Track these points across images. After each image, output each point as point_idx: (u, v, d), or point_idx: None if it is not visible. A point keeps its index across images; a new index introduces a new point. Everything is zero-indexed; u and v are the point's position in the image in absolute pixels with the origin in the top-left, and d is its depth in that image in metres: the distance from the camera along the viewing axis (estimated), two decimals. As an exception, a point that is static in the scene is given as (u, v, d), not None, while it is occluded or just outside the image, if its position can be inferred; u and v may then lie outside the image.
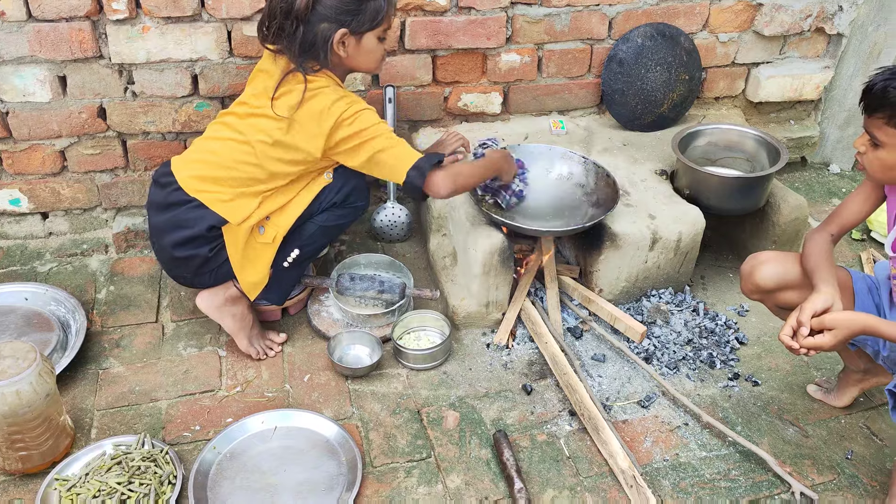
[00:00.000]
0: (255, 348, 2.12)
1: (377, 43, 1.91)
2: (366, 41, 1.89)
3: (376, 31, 1.88)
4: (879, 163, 1.59)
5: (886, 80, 1.51)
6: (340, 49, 1.86)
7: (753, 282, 1.85)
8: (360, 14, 1.83)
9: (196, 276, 2.00)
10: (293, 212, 1.96)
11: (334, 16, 1.81)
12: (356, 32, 1.86)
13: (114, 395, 2.01)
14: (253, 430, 1.90)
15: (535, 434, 1.94)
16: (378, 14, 1.85)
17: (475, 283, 2.18)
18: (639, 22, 2.56)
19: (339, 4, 1.81)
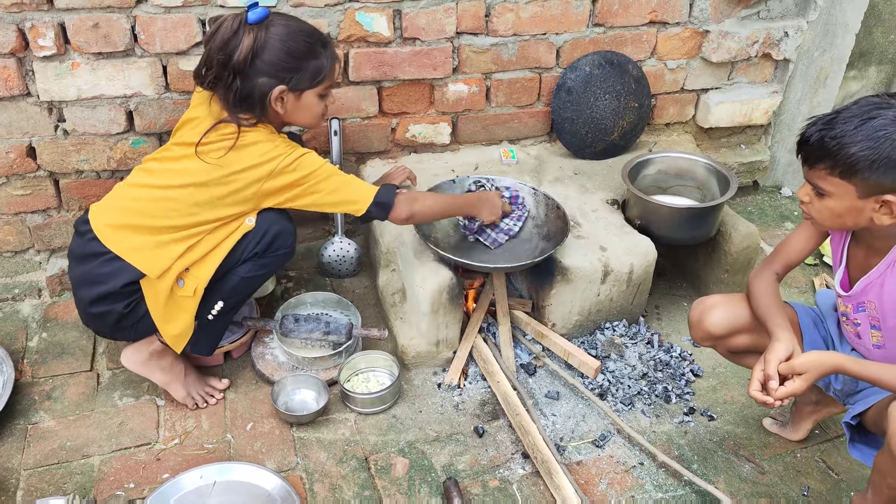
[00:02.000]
0: (193, 397, 2.03)
1: (318, 100, 1.86)
2: (305, 98, 1.83)
3: (317, 89, 1.83)
4: (829, 212, 1.54)
5: (821, 129, 1.47)
6: (278, 105, 1.80)
7: (704, 329, 1.81)
8: (301, 72, 1.78)
9: (115, 331, 1.91)
10: (212, 262, 1.85)
11: (274, 72, 1.75)
12: (295, 90, 1.80)
13: (43, 453, 1.90)
14: (190, 486, 1.80)
15: (486, 479, 1.88)
16: (320, 72, 1.80)
17: (424, 321, 2.11)
18: (586, 50, 2.54)
19: (280, 61, 1.75)
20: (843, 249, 1.68)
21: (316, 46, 1.79)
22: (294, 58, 1.76)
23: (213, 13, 2.14)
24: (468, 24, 2.38)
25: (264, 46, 1.73)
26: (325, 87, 1.85)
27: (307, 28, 1.81)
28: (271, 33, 1.73)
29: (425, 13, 2.31)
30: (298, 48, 1.76)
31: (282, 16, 1.80)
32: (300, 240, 2.65)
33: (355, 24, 2.27)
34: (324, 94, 1.86)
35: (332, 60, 1.83)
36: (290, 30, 1.76)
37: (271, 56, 1.74)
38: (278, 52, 1.74)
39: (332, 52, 1.84)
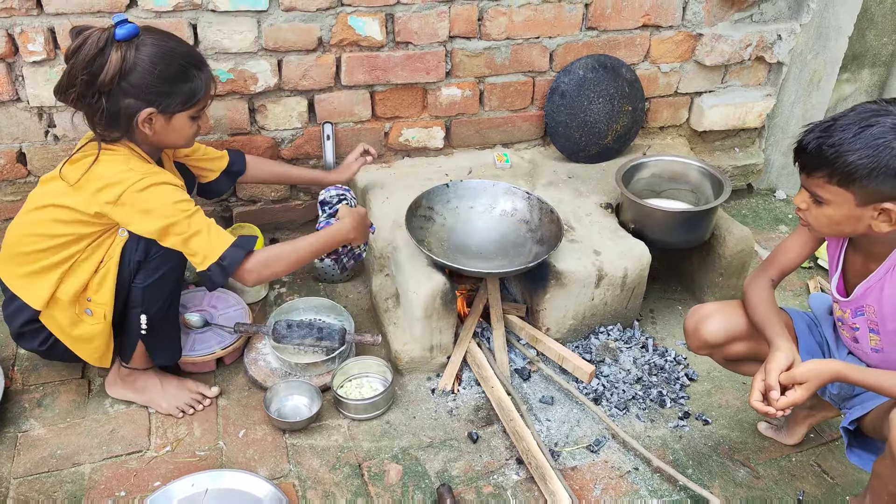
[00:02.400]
0: (178, 406, 2.01)
1: (189, 122, 1.77)
2: (176, 121, 1.74)
3: (189, 112, 1.74)
4: (826, 220, 1.52)
5: (819, 137, 1.45)
6: (146, 127, 1.71)
7: (700, 338, 1.80)
8: (172, 95, 1.69)
9: (55, 357, 1.93)
10: (108, 284, 1.79)
11: (142, 94, 1.66)
12: (165, 112, 1.71)
13: (33, 461, 1.88)
14: (181, 494, 1.78)
15: (480, 486, 1.86)
16: (193, 96, 1.72)
17: (417, 326, 2.10)
18: (580, 54, 2.54)
19: (149, 84, 1.66)
20: (840, 255, 1.67)
21: (189, 69, 1.70)
22: (165, 81, 1.67)
23: (206, 18, 2.14)
24: (461, 28, 2.37)
25: (133, 67, 1.63)
26: (198, 109, 1.77)
27: (181, 49, 1.72)
28: (141, 54, 1.64)
29: (418, 17, 2.31)
30: (170, 71, 1.67)
31: (155, 33, 1.70)
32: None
33: (347, 29, 2.26)
34: (196, 116, 1.78)
35: (207, 82, 1.75)
36: (162, 51, 1.67)
37: (140, 78, 1.64)
38: (148, 75, 1.65)
39: (206, 73, 1.75)
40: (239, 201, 2.50)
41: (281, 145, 2.43)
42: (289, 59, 2.27)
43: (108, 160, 1.72)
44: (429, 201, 2.28)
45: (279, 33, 2.22)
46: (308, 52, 2.28)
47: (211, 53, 2.19)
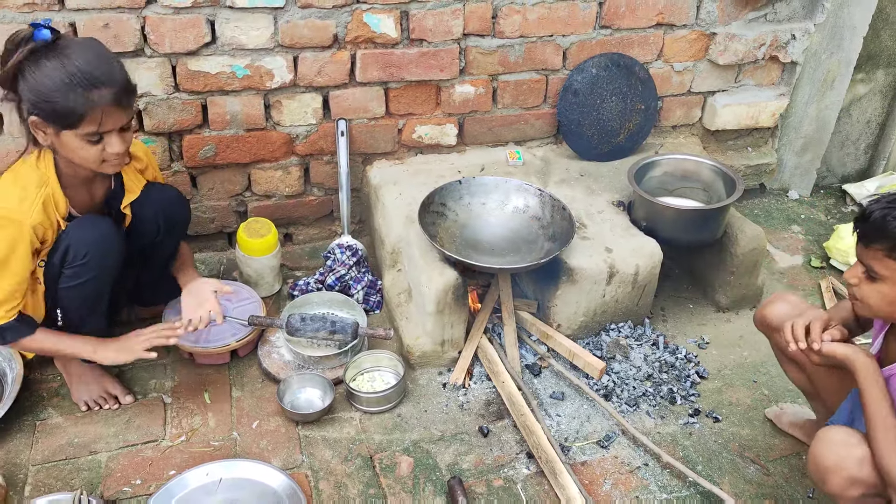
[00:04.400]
0: (84, 399, 2.02)
1: (85, 144, 1.69)
2: (65, 138, 1.68)
3: (75, 132, 1.67)
4: (879, 297, 1.46)
5: (885, 209, 1.39)
6: (39, 136, 1.70)
7: (763, 313, 1.81)
8: (49, 105, 1.63)
9: None
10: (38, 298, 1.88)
11: (31, 100, 1.65)
12: (50, 125, 1.67)
13: (51, 449, 1.91)
14: (196, 483, 1.81)
15: (491, 479, 1.88)
16: (71, 115, 1.64)
17: (429, 321, 2.12)
18: (593, 52, 2.55)
19: (32, 90, 1.63)
20: (881, 336, 1.60)
21: (73, 88, 1.62)
22: (43, 93, 1.63)
23: (223, 14, 2.16)
24: (475, 25, 2.39)
25: (24, 73, 1.63)
26: (88, 132, 1.67)
27: (77, 67, 1.63)
28: (37, 62, 1.63)
29: (432, 14, 2.33)
30: (49, 84, 1.62)
31: (70, 47, 1.65)
32: (307, 239, 2.68)
33: (363, 26, 2.28)
34: (93, 140, 1.69)
35: (92, 105, 1.64)
36: (56, 64, 1.62)
37: (27, 83, 1.63)
38: (31, 82, 1.63)
39: (95, 97, 1.64)
40: (253, 196, 2.53)
41: (295, 141, 2.45)
42: (304, 55, 2.30)
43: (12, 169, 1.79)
44: (441, 197, 2.29)
45: (295, 30, 2.24)
46: (323, 49, 2.30)
47: (228, 49, 2.22)
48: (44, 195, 1.76)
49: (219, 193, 2.49)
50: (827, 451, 1.47)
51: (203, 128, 2.34)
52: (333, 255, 2.44)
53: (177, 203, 2.07)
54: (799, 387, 1.89)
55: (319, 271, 2.44)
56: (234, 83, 2.27)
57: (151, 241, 2.03)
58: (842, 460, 1.43)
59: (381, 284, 2.42)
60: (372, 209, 2.54)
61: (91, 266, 1.83)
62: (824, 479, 1.46)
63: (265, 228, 2.39)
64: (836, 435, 1.48)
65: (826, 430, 1.51)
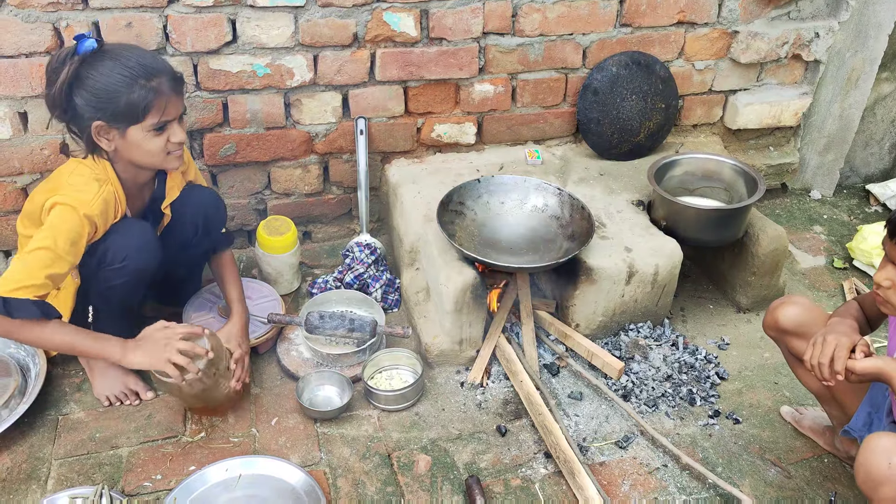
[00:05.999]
0: (106, 394, 2.04)
1: (150, 136, 1.74)
2: (132, 135, 1.73)
3: (142, 125, 1.72)
4: None
5: None
6: (103, 142, 1.74)
7: (774, 317, 1.79)
8: (114, 106, 1.68)
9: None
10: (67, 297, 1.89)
11: (90, 107, 1.69)
12: (115, 126, 1.72)
13: (73, 443, 1.93)
14: (216, 479, 1.82)
15: (508, 478, 1.88)
16: (136, 108, 1.69)
17: (448, 319, 2.12)
18: (613, 51, 2.53)
19: (92, 95, 1.68)
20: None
21: (135, 80, 1.68)
22: (106, 92, 1.67)
23: (244, 13, 2.18)
24: (495, 24, 2.39)
25: (82, 80, 1.68)
26: (153, 122, 1.72)
27: (133, 61, 1.70)
28: (92, 67, 1.68)
29: (452, 13, 2.33)
30: (112, 82, 1.67)
31: (114, 49, 1.72)
32: (326, 237, 2.68)
33: (382, 24, 2.29)
34: (159, 129, 1.75)
35: (156, 94, 1.70)
36: (111, 64, 1.68)
37: (86, 90, 1.68)
38: (91, 86, 1.68)
39: (157, 85, 1.71)
40: (273, 194, 2.54)
41: (315, 140, 2.46)
42: (324, 54, 2.30)
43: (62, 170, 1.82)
44: (460, 196, 2.29)
45: (315, 29, 2.25)
46: (343, 48, 2.31)
47: (249, 48, 2.23)
48: (106, 191, 1.78)
49: (239, 191, 2.50)
50: (879, 459, 1.40)
51: (224, 126, 2.36)
52: (352, 254, 2.44)
53: (214, 205, 2.09)
54: (812, 391, 1.87)
55: (338, 269, 2.45)
56: (255, 82, 2.29)
57: (188, 242, 2.04)
58: (894, 469, 1.38)
59: (400, 283, 2.43)
60: (391, 208, 2.54)
61: (127, 271, 1.85)
62: (876, 490, 1.40)
63: (284, 226, 2.40)
64: (886, 443, 1.41)
65: (875, 438, 1.44)
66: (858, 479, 1.45)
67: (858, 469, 1.44)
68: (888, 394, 1.70)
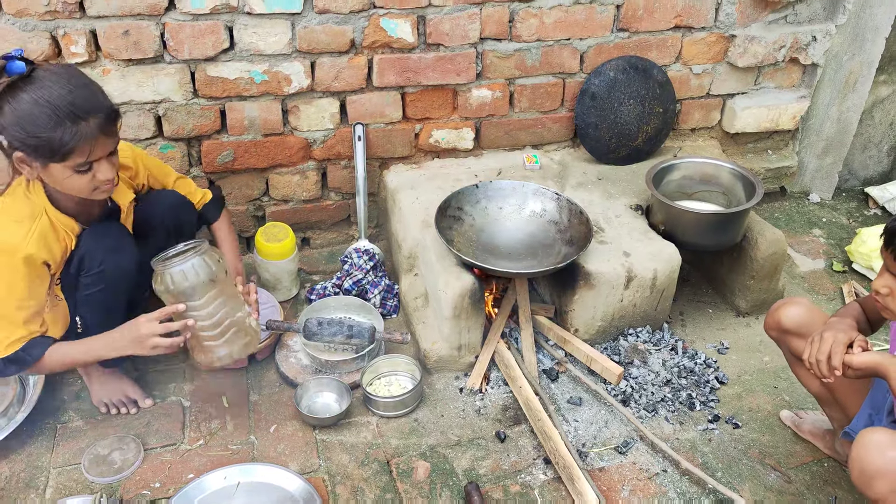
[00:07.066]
0: (104, 401, 2.04)
1: (71, 173, 1.64)
2: (53, 171, 1.63)
3: (64, 164, 1.61)
4: None
5: None
6: (25, 169, 1.65)
7: (776, 317, 1.79)
8: (34, 143, 1.58)
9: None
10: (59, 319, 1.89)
11: (10, 135, 1.59)
12: (35, 160, 1.61)
13: (71, 451, 1.93)
14: (214, 486, 1.82)
15: (508, 485, 1.87)
16: (58, 149, 1.58)
17: (446, 325, 2.12)
18: (611, 55, 2.54)
19: (12, 126, 1.57)
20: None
21: (60, 121, 1.56)
22: (27, 127, 1.57)
23: (241, 21, 2.18)
24: (492, 29, 2.39)
25: (9, 106, 1.57)
26: (76, 164, 1.62)
27: (61, 99, 1.57)
28: (15, 96, 1.56)
29: (449, 19, 2.33)
30: (34, 118, 1.56)
31: (48, 76, 1.59)
32: (324, 243, 2.68)
33: (379, 31, 2.29)
34: (82, 170, 1.64)
35: (81, 138, 1.58)
36: (37, 96, 1.56)
37: (10, 119, 1.57)
38: (12, 116, 1.57)
39: (83, 128, 1.59)
40: (271, 200, 2.54)
41: (313, 146, 2.46)
42: (322, 60, 2.31)
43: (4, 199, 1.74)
44: (458, 202, 2.29)
45: (312, 35, 2.25)
46: (340, 54, 2.31)
47: (246, 55, 2.23)
48: (40, 226, 1.72)
49: (237, 198, 2.50)
50: (872, 454, 1.40)
51: (221, 133, 2.36)
52: (350, 260, 2.44)
53: (180, 206, 2.06)
54: (812, 392, 1.87)
55: (337, 275, 2.45)
56: (253, 89, 2.29)
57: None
58: (888, 463, 1.39)
59: (398, 289, 2.42)
60: (389, 213, 2.54)
61: (106, 273, 1.84)
62: (870, 484, 1.40)
63: (283, 233, 2.40)
64: (880, 437, 1.42)
65: (868, 433, 1.45)
66: (853, 474, 1.45)
67: (853, 465, 1.44)
68: (888, 394, 1.70)
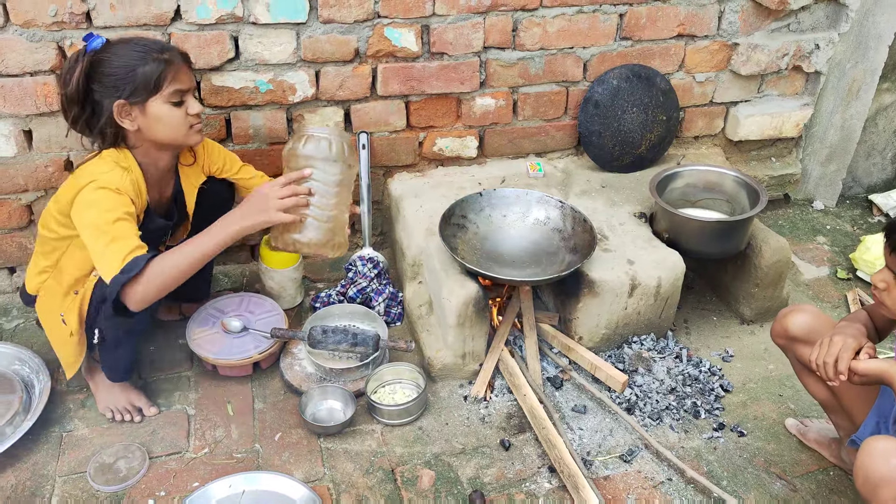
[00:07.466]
0: (110, 408, 2.05)
1: (169, 109, 1.79)
2: (152, 108, 1.78)
3: (160, 97, 1.77)
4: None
5: None
6: (126, 122, 1.78)
7: (784, 324, 1.79)
8: (132, 81, 1.74)
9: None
10: (76, 312, 1.89)
11: (108, 90, 1.75)
12: (135, 102, 1.76)
13: (77, 460, 1.93)
14: (219, 495, 1.82)
15: (512, 493, 1.87)
16: (151, 78, 1.75)
17: (450, 333, 2.12)
18: (614, 64, 2.54)
19: (108, 77, 1.74)
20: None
21: (147, 53, 1.76)
22: (120, 68, 1.74)
23: (247, 30, 2.19)
24: (495, 38, 2.40)
25: (97, 66, 1.74)
26: (171, 92, 1.78)
27: (141, 41, 1.80)
28: (105, 54, 1.75)
29: (453, 28, 2.34)
30: (123, 59, 1.75)
31: (119, 39, 1.81)
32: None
33: (384, 40, 2.30)
34: (177, 102, 1.80)
35: (168, 64, 1.76)
36: (120, 47, 1.77)
37: (101, 76, 1.74)
38: (105, 69, 1.74)
39: (167, 55, 1.78)
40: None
41: (317, 154, 2.47)
42: (326, 69, 2.32)
43: (87, 161, 1.84)
44: (462, 210, 2.30)
45: (317, 45, 2.26)
46: (345, 63, 2.32)
47: (251, 65, 2.25)
48: (132, 178, 1.82)
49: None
50: (877, 461, 1.40)
51: (227, 142, 2.37)
52: (355, 268, 2.45)
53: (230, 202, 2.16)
54: (819, 400, 1.87)
55: (341, 283, 2.46)
56: (258, 98, 2.30)
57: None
58: (893, 470, 1.38)
59: (403, 297, 2.43)
60: (393, 221, 2.55)
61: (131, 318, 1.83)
62: (875, 492, 1.40)
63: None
64: (885, 445, 1.41)
65: (873, 440, 1.44)
66: (857, 482, 1.45)
67: (857, 472, 1.44)
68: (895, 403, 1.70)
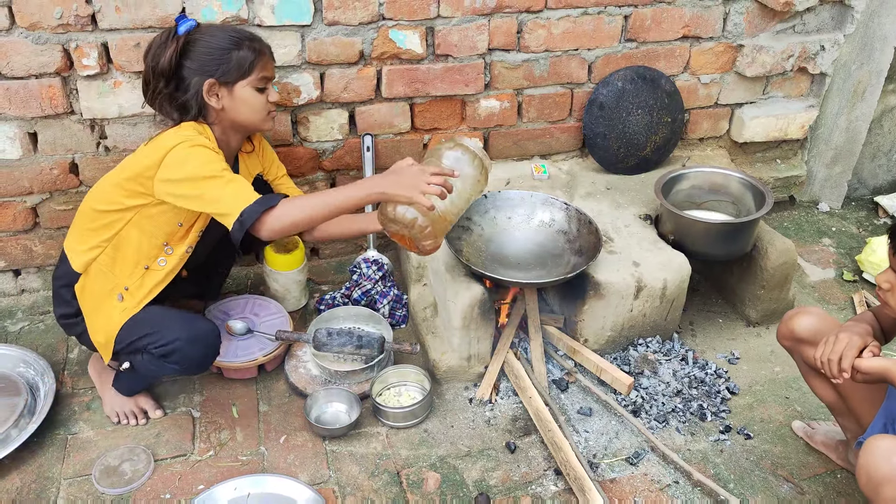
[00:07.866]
0: (116, 411, 2.05)
1: (254, 93, 1.87)
2: (239, 91, 1.85)
3: (248, 81, 1.85)
4: None
5: None
6: (213, 100, 1.85)
7: (790, 327, 1.79)
8: (225, 63, 1.83)
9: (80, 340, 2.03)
10: (148, 285, 1.90)
11: (200, 68, 1.82)
12: (225, 82, 1.84)
13: (82, 463, 1.93)
14: (225, 498, 1.82)
15: (518, 496, 1.86)
16: (244, 63, 1.84)
17: (455, 336, 2.11)
18: (618, 65, 2.54)
19: (203, 56, 1.82)
20: None
21: (240, 40, 1.84)
22: (216, 49, 1.82)
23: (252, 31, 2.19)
24: (500, 40, 2.40)
25: (189, 48, 1.82)
26: (258, 78, 1.86)
27: (231, 28, 1.92)
28: (196, 38, 1.83)
29: (458, 30, 2.34)
30: (220, 42, 1.83)
31: (212, 25, 1.93)
32: (333, 254, 2.69)
33: (388, 42, 2.30)
34: (261, 88, 1.88)
35: (259, 52, 1.86)
36: (218, 30, 1.87)
37: (196, 54, 1.82)
38: (201, 49, 1.82)
39: (258, 44, 1.87)
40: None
41: (322, 157, 2.47)
42: (331, 72, 2.32)
43: (169, 131, 1.85)
44: (467, 212, 2.28)
45: (322, 47, 2.26)
46: (350, 65, 2.32)
47: (256, 67, 2.25)
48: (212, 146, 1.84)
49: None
50: (879, 460, 1.41)
51: (231, 144, 2.37)
52: (359, 270, 2.45)
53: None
54: (826, 402, 1.86)
55: (346, 286, 2.46)
56: (262, 100, 2.30)
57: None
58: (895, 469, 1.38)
59: (407, 299, 2.42)
60: (398, 224, 2.54)
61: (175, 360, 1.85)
62: (878, 491, 1.40)
63: (292, 243, 2.40)
64: (887, 444, 1.42)
65: (875, 440, 1.45)
66: (861, 482, 1.45)
67: (860, 472, 1.44)
68: None
